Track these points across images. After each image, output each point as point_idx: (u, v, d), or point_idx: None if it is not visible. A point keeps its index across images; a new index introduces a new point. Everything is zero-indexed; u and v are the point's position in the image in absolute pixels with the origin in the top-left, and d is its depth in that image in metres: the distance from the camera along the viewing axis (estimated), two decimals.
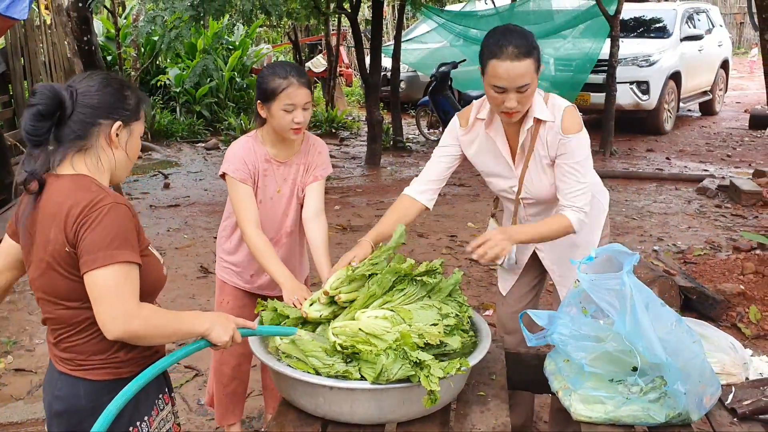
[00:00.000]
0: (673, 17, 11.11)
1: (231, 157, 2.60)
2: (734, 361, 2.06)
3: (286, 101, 2.46)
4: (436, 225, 6.41)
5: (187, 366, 3.84)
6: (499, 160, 2.52)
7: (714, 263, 4.93)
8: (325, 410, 1.88)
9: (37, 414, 3.33)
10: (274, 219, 2.69)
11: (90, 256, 1.58)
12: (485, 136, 2.50)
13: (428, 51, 11.46)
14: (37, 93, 1.67)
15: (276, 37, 17.44)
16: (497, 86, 2.26)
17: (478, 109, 2.51)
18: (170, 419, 1.88)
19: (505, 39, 2.23)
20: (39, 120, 1.66)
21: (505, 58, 2.21)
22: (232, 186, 2.58)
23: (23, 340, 4.20)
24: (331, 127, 11.66)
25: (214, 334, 1.74)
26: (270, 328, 2.03)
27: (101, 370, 1.72)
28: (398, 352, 1.80)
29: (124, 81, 1.83)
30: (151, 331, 1.64)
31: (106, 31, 12.37)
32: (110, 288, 1.58)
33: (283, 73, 2.48)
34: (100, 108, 1.71)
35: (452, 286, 2.13)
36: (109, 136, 1.73)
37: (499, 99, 2.29)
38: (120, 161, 1.77)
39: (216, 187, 8.09)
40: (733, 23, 22.47)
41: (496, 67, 2.23)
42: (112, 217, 1.61)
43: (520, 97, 2.27)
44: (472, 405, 2.03)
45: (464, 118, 2.56)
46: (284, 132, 2.53)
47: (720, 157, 9.28)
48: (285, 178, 2.67)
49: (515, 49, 2.21)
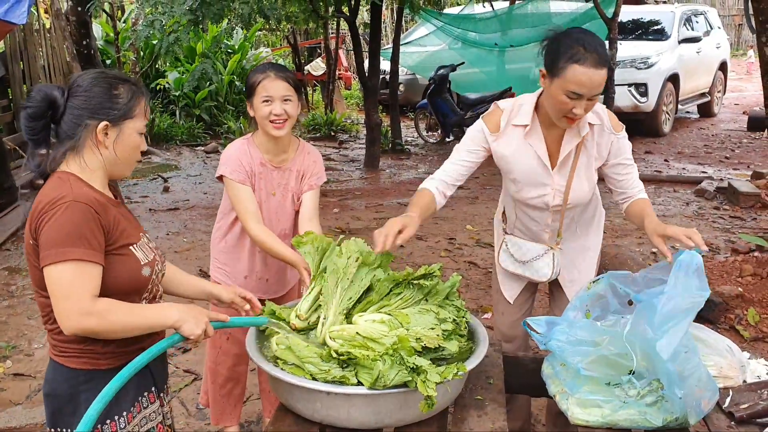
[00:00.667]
0: (671, 19, 11.14)
1: (227, 159, 2.63)
2: (731, 365, 2.06)
3: (263, 93, 2.52)
4: (435, 228, 6.42)
5: (186, 370, 3.84)
6: (536, 167, 2.42)
7: (712, 265, 4.94)
8: (322, 415, 1.88)
9: (36, 419, 3.33)
10: (269, 221, 2.70)
11: (45, 252, 1.63)
12: (522, 143, 2.40)
13: (427, 54, 11.48)
14: (30, 95, 1.72)
15: (275, 41, 17.46)
16: (574, 92, 2.16)
17: (510, 114, 2.41)
18: (155, 419, 1.87)
19: (588, 44, 2.14)
20: (30, 121, 1.72)
21: (589, 65, 2.12)
22: (231, 187, 2.61)
23: (22, 344, 4.20)
24: (330, 130, 11.68)
25: (185, 327, 1.74)
26: (242, 320, 2.04)
27: (78, 359, 1.75)
28: (395, 358, 1.80)
29: (118, 77, 1.81)
30: (109, 327, 1.66)
31: (105, 35, 12.38)
32: (62, 285, 1.62)
33: (262, 69, 2.57)
34: (86, 108, 1.73)
35: (449, 289, 2.13)
36: (95, 136, 1.74)
37: (570, 105, 2.19)
38: (109, 160, 1.78)
39: (215, 190, 8.10)
40: (731, 25, 22.49)
41: (578, 73, 2.13)
42: (67, 215, 1.64)
43: (589, 105, 2.21)
44: (469, 409, 2.03)
45: (492, 123, 2.44)
46: (265, 126, 2.57)
47: (718, 158, 9.29)
48: (279, 182, 2.69)
49: (598, 57, 2.13)
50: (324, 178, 2.79)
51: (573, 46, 2.14)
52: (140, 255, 1.81)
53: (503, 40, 10.46)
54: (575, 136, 2.37)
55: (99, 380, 1.71)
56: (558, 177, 2.43)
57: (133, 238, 1.81)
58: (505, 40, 10.44)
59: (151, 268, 1.83)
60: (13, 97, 9.23)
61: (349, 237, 2.26)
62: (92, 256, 1.65)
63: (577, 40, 2.16)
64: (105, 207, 1.73)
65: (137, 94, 1.80)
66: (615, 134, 2.39)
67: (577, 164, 2.40)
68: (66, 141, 1.75)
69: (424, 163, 9.66)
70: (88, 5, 7.40)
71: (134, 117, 1.79)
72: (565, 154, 2.39)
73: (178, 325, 1.74)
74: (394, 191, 8.04)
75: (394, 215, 2.26)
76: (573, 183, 2.43)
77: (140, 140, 1.82)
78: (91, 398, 1.68)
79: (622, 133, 2.41)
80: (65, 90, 1.75)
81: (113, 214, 1.76)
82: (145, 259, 1.82)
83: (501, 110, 2.44)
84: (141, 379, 1.80)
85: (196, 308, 1.80)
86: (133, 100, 1.78)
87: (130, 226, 1.84)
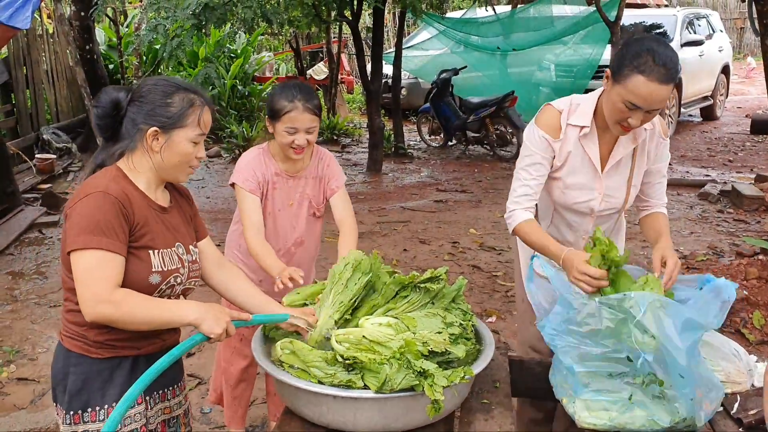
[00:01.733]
0: (674, 23, 11.14)
1: (241, 167, 2.65)
2: (739, 369, 2.05)
3: (288, 124, 2.52)
4: (438, 231, 6.41)
5: (190, 374, 3.84)
6: (587, 170, 2.33)
7: (717, 269, 4.92)
8: (328, 419, 1.87)
9: (39, 423, 3.33)
10: (284, 230, 2.72)
11: (72, 237, 1.70)
12: (577, 144, 2.31)
13: (429, 58, 11.50)
14: (99, 96, 1.84)
15: (278, 45, 17.49)
16: (632, 103, 2.06)
17: (568, 114, 2.30)
18: (139, 420, 1.87)
19: (657, 55, 2.01)
20: (99, 120, 1.85)
21: (653, 78, 2.01)
22: (241, 195, 2.63)
23: (26, 349, 4.19)
24: (333, 134, 11.68)
25: (205, 326, 1.75)
26: (264, 317, 2.03)
27: (73, 341, 1.82)
28: (402, 362, 1.80)
29: (179, 86, 1.85)
30: (126, 317, 1.70)
31: (108, 39, 12.42)
32: (86, 272, 1.68)
33: (290, 95, 2.52)
34: (141, 114, 1.81)
35: (455, 292, 2.13)
36: (146, 140, 1.81)
37: (626, 114, 2.10)
38: (157, 165, 1.85)
39: (218, 195, 8.10)
40: (734, 28, 22.49)
41: (640, 85, 2.02)
42: (97, 205, 1.71)
43: (646, 117, 2.11)
44: (475, 413, 2.02)
45: (552, 127, 2.31)
46: (285, 150, 2.60)
47: (722, 162, 9.28)
48: (296, 191, 2.71)
49: (666, 71, 2.01)
50: (343, 177, 2.81)
51: (642, 55, 2.03)
52: (156, 261, 1.82)
53: (506, 43, 10.48)
54: (631, 141, 2.29)
55: (87, 366, 1.81)
56: (607, 181, 2.35)
57: (158, 243, 1.83)
58: (508, 44, 10.46)
59: (162, 278, 1.83)
60: (17, 102, 9.26)
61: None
62: (118, 248, 1.72)
63: (648, 49, 2.03)
64: (135, 205, 1.79)
65: (194, 103, 1.84)
66: (663, 139, 2.34)
67: (634, 169, 2.33)
68: (124, 140, 1.84)
69: (426, 166, 9.65)
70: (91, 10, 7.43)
71: (186, 126, 1.82)
72: (617, 159, 2.31)
73: (196, 324, 1.76)
74: (396, 195, 8.04)
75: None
76: (631, 189, 2.37)
77: (192, 149, 1.85)
78: (77, 381, 1.80)
79: (667, 140, 2.36)
80: (129, 93, 1.84)
81: (144, 214, 1.81)
82: (160, 267, 1.82)
83: (558, 111, 2.32)
84: (131, 377, 1.81)
85: (217, 307, 1.82)
86: (187, 108, 1.82)
87: (165, 232, 1.87)
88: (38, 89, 9.85)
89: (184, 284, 1.92)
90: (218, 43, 12.46)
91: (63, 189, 8.10)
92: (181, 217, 1.98)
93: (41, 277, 5.42)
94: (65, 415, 1.83)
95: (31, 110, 9.60)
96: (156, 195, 1.89)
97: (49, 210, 7.06)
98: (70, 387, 1.81)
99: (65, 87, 10.78)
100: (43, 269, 5.60)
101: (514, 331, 4.29)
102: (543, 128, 2.31)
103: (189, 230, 2.00)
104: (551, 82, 10.47)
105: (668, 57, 2.02)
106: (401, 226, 6.59)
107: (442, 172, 9.24)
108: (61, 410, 1.85)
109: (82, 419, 1.82)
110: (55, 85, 10.52)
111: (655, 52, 2.01)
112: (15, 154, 8.24)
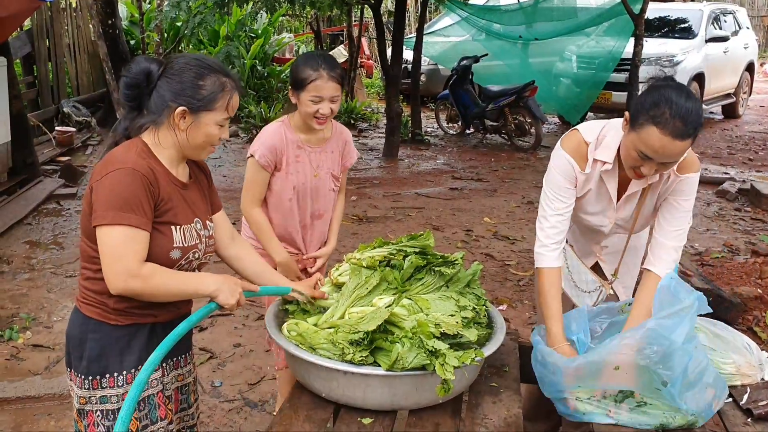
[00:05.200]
0: (699, 18, 11.00)
1: (260, 142, 2.67)
2: (749, 362, 2.06)
3: (313, 93, 2.53)
4: (452, 219, 6.41)
5: (201, 348, 3.88)
6: (603, 201, 2.32)
7: (731, 266, 4.90)
8: (338, 395, 1.90)
9: (54, 389, 3.39)
10: (307, 202, 2.75)
11: (99, 212, 1.73)
12: (598, 177, 2.26)
13: (450, 44, 11.43)
14: (130, 66, 1.82)
15: (298, 27, 17.47)
16: (644, 153, 1.97)
17: (595, 146, 2.23)
18: (155, 386, 1.91)
19: (677, 107, 1.90)
20: (127, 89, 1.83)
21: (667, 132, 1.90)
22: (253, 167, 2.67)
23: (42, 317, 4.26)
24: (350, 118, 11.67)
25: (221, 297, 1.83)
26: (270, 289, 2.13)
27: (92, 308, 1.85)
28: (414, 341, 1.81)
29: (212, 67, 1.84)
30: (153, 290, 1.76)
31: (130, 15, 12.45)
32: (114, 247, 1.71)
33: (314, 64, 2.54)
34: (171, 91, 1.81)
35: (470, 276, 2.14)
36: (173, 118, 1.81)
37: (638, 162, 2.02)
38: (182, 143, 1.86)
39: (235, 174, 8.14)
40: (760, 26, 22.16)
41: (652, 137, 1.92)
42: (126, 181, 1.73)
43: (660, 168, 2.02)
44: (484, 395, 2.04)
45: (580, 158, 2.25)
46: (308, 120, 2.61)
47: (741, 160, 9.19)
48: (319, 164, 2.73)
49: (682, 126, 1.89)
50: (356, 156, 2.87)
51: (659, 105, 1.92)
52: (177, 237, 1.85)
53: (528, 32, 10.40)
54: (643, 181, 2.21)
55: (105, 332, 1.84)
56: (621, 212, 2.34)
57: (180, 219, 1.86)
58: (530, 33, 10.38)
59: (182, 253, 1.87)
60: (38, 75, 9.33)
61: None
62: (144, 224, 1.75)
63: (666, 99, 1.92)
64: (160, 181, 1.81)
65: (225, 87, 1.84)
66: (677, 175, 2.17)
67: (642, 206, 2.29)
68: (151, 114, 1.84)
69: (443, 154, 9.63)
70: None
71: (215, 110, 1.83)
72: (631, 192, 2.27)
73: (214, 295, 1.84)
74: (412, 181, 8.03)
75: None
76: (636, 224, 2.36)
77: (217, 131, 1.86)
78: (95, 347, 1.83)
79: (690, 176, 2.18)
80: (162, 66, 1.83)
81: (167, 190, 1.83)
82: (180, 243, 1.86)
83: (586, 144, 2.24)
84: (149, 344, 1.85)
85: (231, 279, 1.88)
86: (218, 93, 1.83)
87: (185, 208, 1.90)
88: (60, 62, 9.91)
89: (200, 259, 1.96)
90: (239, 23, 12.43)
91: (81, 162, 8.18)
92: (199, 191, 2.01)
93: (58, 248, 5.49)
94: (83, 381, 1.86)
95: (52, 83, 9.67)
96: (177, 171, 1.91)
97: (67, 182, 7.14)
98: (89, 353, 1.85)
99: (87, 61, 10.85)
100: (60, 240, 5.67)
101: (525, 320, 4.30)
102: (571, 155, 2.26)
103: (206, 205, 2.03)
104: (572, 74, 10.39)
105: (687, 110, 1.90)
106: (415, 212, 6.60)
107: (459, 160, 9.22)
108: (76, 376, 1.88)
109: (100, 385, 1.85)
110: (77, 58, 10.59)
111: (672, 103, 1.91)
112: (35, 126, 8.32)
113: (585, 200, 2.35)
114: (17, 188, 6.68)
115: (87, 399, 1.86)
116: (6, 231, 5.70)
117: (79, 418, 1.89)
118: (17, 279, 4.85)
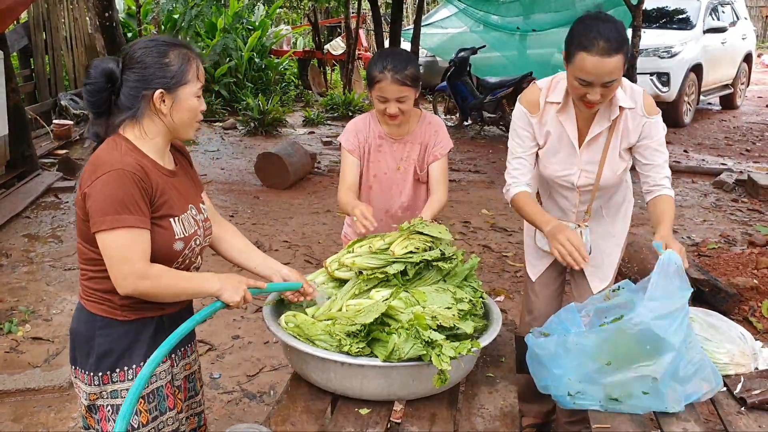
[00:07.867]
0: (697, 9, 10.97)
1: (347, 129, 2.76)
2: (744, 352, 2.07)
3: (378, 93, 2.57)
4: (450, 211, 6.42)
5: (200, 340, 3.90)
6: (564, 145, 2.45)
7: (728, 257, 4.91)
8: (335, 385, 1.92)
9: (53, 381, 3.40)
10: (390, 193, 2.76)
11: (96, 218, 1.72)
12: (555, 120, 2.43)
13: (448, 36, 11.39)
14: (89, 72, 1.78)
15: (296, 19, 17.41)
16: (583, 79, 2.18)
17: (547, 91, 2.42)
18: (164, 378, 1.93)
19: (596, 31, 2.13)
20: (92, 96, 1.80)
21: (594, 53, 2.12)
22: (342, 154, 2.76)
23: (41, 310, 4.27)
24: (348, 110, 11.65)
25: (226, 295, 1.85)
26: (278, 285, 2.08)
27: (98, 305, 1.85)
28: (410, 332, 1.83)
29: (168, 43, 1.82)
30: (161, 291, 1.78)
31: (127, 8, 12.39)
32: (118, 250, 1.71)
33: (381, 65, 2.54)
34: (140, 80, 1.78)
35: (467, 271, 2.15)
36: (153, 105, 1.79)
37: (582, 91, 2.22)
38: (169, 126, 1.84)
39: (232, 166, 8.14)
40: (759, 17, 22.12)
41: (584, 61, 2.14)
42: (117, 183, 1.71)
43: (605, 91, 2.20)
44: (480, 386, 2.06)
45: (531, 104, 2.45)
46: (380, 116, 2.67)
47: (739, 151, 9.19)
48: (401, 156, 2.73)
49: (606, 44, 2.11)
50: (449, 145, 2.77)
51: (583, 33, 2.15)
52: (177, 229, 1.85)
53: (525, 24, 10.36)
54: (605, 118, 2.37)
55: (114, 328, 1.84)
56: (585, 156, 2.43)
57: (176, 210, 1.86)
58: (528, 25, 10.35)
59: (185, 243, 1.87)
60: (35, 67, 9.30)
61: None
62: (143, 222, 1.74)
63: (588, 26, 2.15)
64: (150, 175, 1.79)
65: (188, 57, 1.82)
66: (647, 117, 2.37)
67: (609, 147, 2.40)
68: (125, 111, 1.81)
69: None
70: None
71: (188, 82, 1.82)
72: (594, 134, 2.39)
73: (219, 293, 1.85)
74: None
75: None
76: (605, 166, 2.43)
77: (197, 103, 1.85)
78: (104, 343, 1.83)
79: (655, 117, 2.38)
80: (119, 62, 1.80)
81: (159, 183, 1.81)
82: (182, 234, 1.86)
83: (539, 89, 2.44)
84: (157, 336, 1.86)
85: (236, 276, 1.89)
86: (184, 65, 1.80)
87: (179, 197, 1.89)
88: (57, 55, 9.88)
89: (201, 244, 1.97)
90: (237, 15, 12.39)
91: (79, 155, 8.17)
92: (186, 176, 1.99)
93: (56, 241, 5.50)
94: (92, 377, 1.85)
95: (49, 76, 9.64)
96: (164, 160, 1.89)
97: (65, 175, 7.14)
98: (98, 350, 1.84)
99: (84, 53, 10.81)
100: (59, 233, 5.68)
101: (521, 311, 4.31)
102: (524, 104, 2.47)
103: (194, 188, 2.01)
104: None
105: (609, 29, 2.12)
106: None
107: (456, 152, 9.22)
108: (83, 373, 1.87)
109: (110, 380, 1.85)
110: (74, 51, 10.55)
111: (594, 27, 2.13)
112: (33, 119, 8.31)
113: (548, 149, 2.46)
114: (15, 181, 6.69)
115: (98, 395, 1.86)
116: (4, 224, 5.70)
117: (89, 414, 1.89)
118: (16, 272, 4.86)
